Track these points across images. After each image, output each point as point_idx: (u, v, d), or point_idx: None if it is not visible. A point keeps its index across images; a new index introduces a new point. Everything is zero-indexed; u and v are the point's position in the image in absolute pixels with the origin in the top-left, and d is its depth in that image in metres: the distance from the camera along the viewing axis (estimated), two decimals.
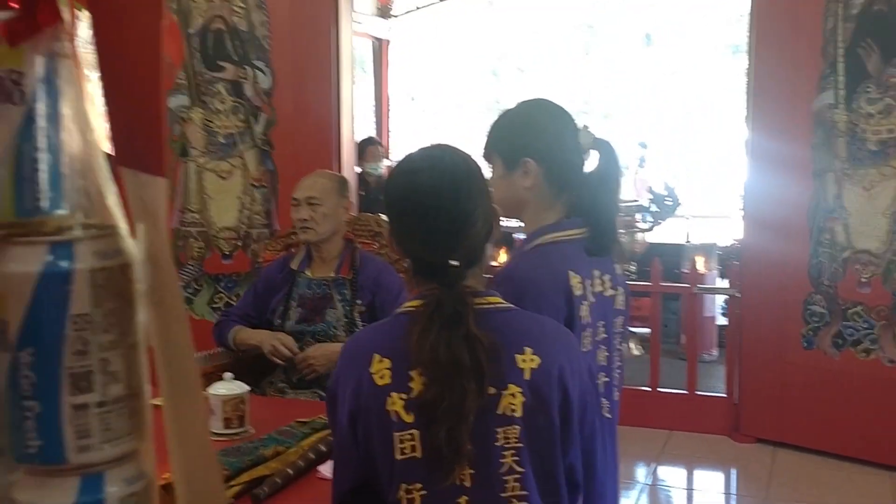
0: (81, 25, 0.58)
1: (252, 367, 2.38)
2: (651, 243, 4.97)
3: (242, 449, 1.70)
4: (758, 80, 3.62)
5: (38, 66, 0.57)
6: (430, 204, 1.19)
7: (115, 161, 0.58)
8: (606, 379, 1.53)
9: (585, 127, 1.55)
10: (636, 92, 8.42)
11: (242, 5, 3.85)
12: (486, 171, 1.39)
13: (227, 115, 3.89)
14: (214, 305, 3.95)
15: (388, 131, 6.31)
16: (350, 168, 4.11)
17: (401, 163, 1.28)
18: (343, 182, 2.55)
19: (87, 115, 0.59)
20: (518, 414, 1.15)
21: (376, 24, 6.06)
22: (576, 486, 1.25)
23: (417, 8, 6.37)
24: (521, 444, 1.16)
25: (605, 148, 1.54)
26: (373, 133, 6.00)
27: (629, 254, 4.74)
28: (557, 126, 1.53)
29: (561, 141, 1.52)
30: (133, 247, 0.59)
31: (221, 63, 3.87)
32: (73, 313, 0.57)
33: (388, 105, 6.35)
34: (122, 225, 0.60)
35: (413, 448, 1.14)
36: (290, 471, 1.64)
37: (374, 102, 6.27)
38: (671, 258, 4.79)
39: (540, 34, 8.54)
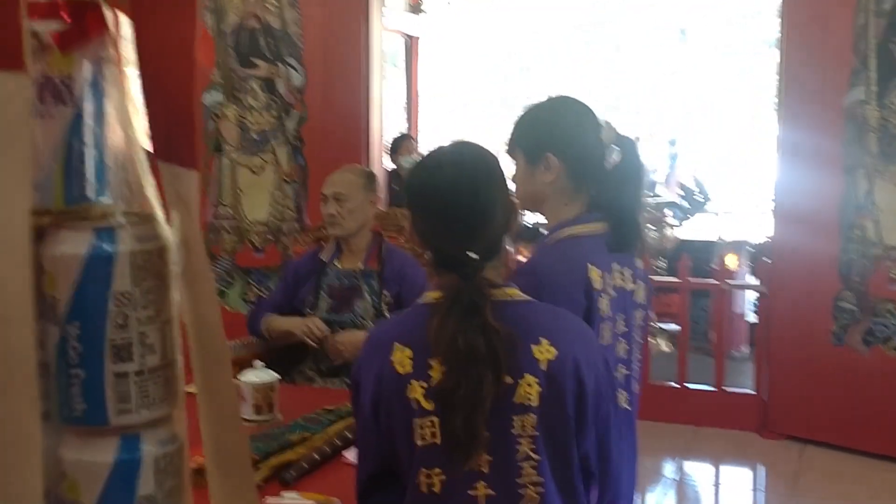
0: (124, 33, 0.64)
1: (282, 355, 2.45)
2: (682, 240, 4.94)
3: (270, 434, 1.75)
4: (788, 75, 3.59)
5: (86, 70, 0.64)
6: (450, 199, 1.22)
7: (152, 155, 0.64)
8: (626, 371, 1.55)
9: (608, 123, 1.57)
10: (667, 88, 8.34)
11: (276, 3, 3.93)
12: (508, 166, 1.42)
13: (260, 112, 3.98)
14: (246, 298, 4.05)
15: (418, 127, 6.36)
16: (379, 163, 4.17)
17: (422, 159, 1.31)
18: (370, 177, 2.60)
19: (128, 114, 0.65)
20: (534, 403, 1.17)
21: (407, 20, 6.11)
22: (590, 474, 1.27)
23: (448, 4, 6.41)
24: (536, 433, 1.18)
25: (627, 144, 1.56)
26: (403, 129, 6.06)
27: (659, 250, 4.72)
28: (579, 122, 1.55)
29: (583, 137, 1.54)
30: (168, 232, 0.66)
31: (255, 60, 3.96)
32: (116, 291, 0.63)
33: (419, 101, 6.40)
34: (159, 213, 0.67)
35: (433, 434, 1.17)
36: (317, 456, 1.69)
37: (405, 98, 6.32)
38: (702, 255, 4.76)
39: (571, 30, 8.51)
